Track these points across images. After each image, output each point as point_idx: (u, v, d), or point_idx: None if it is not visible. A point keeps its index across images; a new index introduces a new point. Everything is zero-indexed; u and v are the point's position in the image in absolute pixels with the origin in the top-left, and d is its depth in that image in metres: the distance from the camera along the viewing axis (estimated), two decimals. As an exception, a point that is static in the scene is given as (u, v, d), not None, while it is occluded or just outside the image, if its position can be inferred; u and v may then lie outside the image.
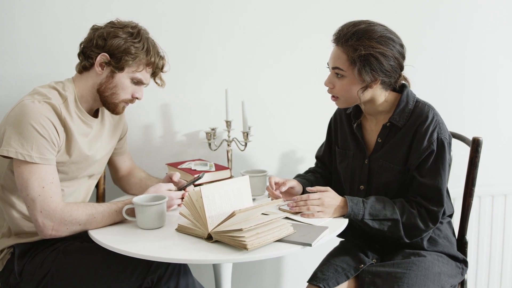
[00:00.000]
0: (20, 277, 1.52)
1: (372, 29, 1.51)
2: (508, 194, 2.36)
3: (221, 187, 1.43)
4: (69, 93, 1.55)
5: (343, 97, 1.58)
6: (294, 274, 2.38)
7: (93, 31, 1.58)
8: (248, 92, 2.14)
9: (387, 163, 1.60)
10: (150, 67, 1.61)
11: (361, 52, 1.48)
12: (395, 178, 1.59)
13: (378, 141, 1.63)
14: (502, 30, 2.35)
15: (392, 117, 1.59)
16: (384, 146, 1.62)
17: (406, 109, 1.58)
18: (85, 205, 1.49)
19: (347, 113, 1.74)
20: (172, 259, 1.29)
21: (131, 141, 1.98)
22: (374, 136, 1.66)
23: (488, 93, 2.39)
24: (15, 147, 1.41)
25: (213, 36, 2.10)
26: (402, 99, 1.59)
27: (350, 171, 1.70)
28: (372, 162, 1.64)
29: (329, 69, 1.59)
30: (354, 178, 1.69)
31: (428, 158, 1.53)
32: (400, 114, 1.58)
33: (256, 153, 2.20)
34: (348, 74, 1.53)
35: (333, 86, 1.58)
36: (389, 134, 1.61)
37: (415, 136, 1.55)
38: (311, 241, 1.32)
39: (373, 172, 1.64)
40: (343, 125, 1.76)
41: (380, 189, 1.62)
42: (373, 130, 1.67)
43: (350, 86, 1.54)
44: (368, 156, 1.66)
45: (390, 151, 1.60)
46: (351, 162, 1.70)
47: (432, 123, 1.54)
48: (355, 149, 1.70)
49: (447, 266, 1.57)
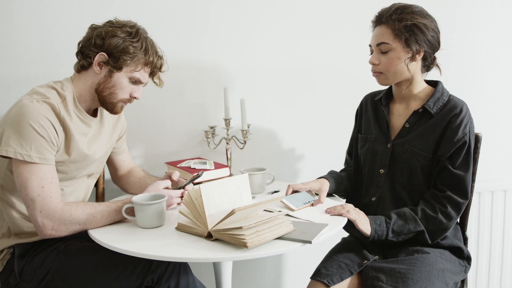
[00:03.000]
0: (20, 277, 1.52)
1: (412, 5, 1.61)
2: (508, 189, 2.36)
3: (221, 185, 1.43)
4: (68, 92, 1.55)
5: (388, 71, 1.62)
6: (295, 272, 2.38)
7: (92, 30, 1.58)
8: (247, 90, 2.14)
9: (413, 149, 1.62)
10: (148, 67, 1.61)
11: (407, 22, 1.56)
12: (420, 165, 1.61)
13: (406, 126, 1.67)
14: (502, 26, 2.35)
15: (427, 103, 1.63)
16: (412, 132, 1.65)
17: (441, 99, 1.63)
18: (85, 204, 1.49)
19: (375, 100, 1.80)
20: (172, 258, 1.29)
21: (130, 140, 1.98)
22: (401, 121, 1.70)
23: (487, 89, 2.39)
24: (14, 147, 1.40)
25: (212, 34, 2.10)
26: (438, 90, 1.65)
27: (370, 155, 1.74)
28: (396, 146, 1.66)
29: (372, 49, 1.65)
30: (374, 161, 1.72)
31: (461, 149, 1.57)
32: (435, 102, 1.62)
33: (255, 151, 2.20)
34: (394, 47, 1.59)
35: (378, 63, 1.63)
36: (418, 121, 1.65)
37: (448, 126, 1.58)
38: (311, 238, 1.32)
39: (396, 157, 1.66)
40: (367, 112, 1.82)
41: (403, 175, 1.65)
42: (401, 115, 1.71)
43: (396, 58, 1.60)
44: (392, 140, 1.68)
45: (418, 138, 1.63)
46: (372, 146, 1.74)
47: (466, 116, 1.59)
48: (378, 133, 1.74)
49: (450, 263, 1.57)
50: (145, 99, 1.92)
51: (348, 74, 2.24)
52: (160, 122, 2.11)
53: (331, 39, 2.20)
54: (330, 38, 2.20)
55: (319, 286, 1.52)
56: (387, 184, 1.68)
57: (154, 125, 2.11)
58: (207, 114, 2.13)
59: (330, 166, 1.96)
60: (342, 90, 2.24)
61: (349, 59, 2.21)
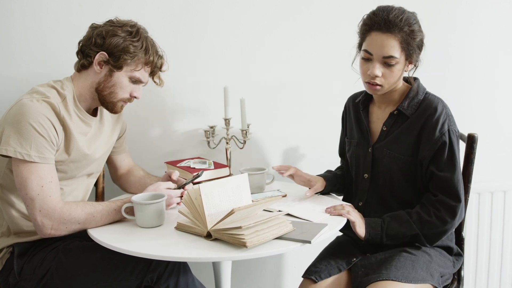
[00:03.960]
0: (20, 276, 1.52)
1: (413, 15, 1.56)
2: (508, 190, 2.36)
3: (220, 185, 1.43)
4: (68, 92, 1.55)
5: (389, 84, 1.57)
6: (294, 271, 2.38)
7: (92, 29, 1.58)
8: (247, 89, 2.14)
9: (391, 153, 1.60)
10: (148, 66, 1.61)
11: (416, 37, 1.52)
12: (400, 168, 1.59)
13: (383, 129, 1.64)
14: (502, 26, 2.34)
15: (401, 105, 1.59)
16: (389, 135, 1.62)
17: (415, 99, 1.59)
18: (84, 204, 1.49)
19: (355, 102, 1.76)
20: (172, 257, 1.29)
21: (130, 140, 1.98)
22: (380, 124, 1.66)
23: (487, 89, 2.39)
24: (14, 146, 1.40)
25: (212, 33, 2.10)
26: (413, 89, 1.60)
27: (354, 159, 1.72)
28: (376, 151, 1.64)
29: (371, 57, 1.54)
30: (359, 166, 1.70)
31: (442, 150, 1.53)
32: (409, 103, 1.58)
33: (255, 151, 2.20)
34: (400, 61, 1.53)
35: (381, 75, 1.54)
36: (395, 123, 1.61)
37: (424, 127, 1.54)
38: (311, 238, 1.32)
39: (378, 161, 1.64)
40: (350, 115, 1.78)
41: (385, 179, 1.62)
42: (380, 118, 1.67)
43: (399, 71, 1.55)
44: (372, 144, 1.66)
45: (395, 141, 1.60)
46: (355, 151, 1.72)
47: (442, 114, 1.54)
48: (360, 137, 1.71)
49: (439, 256, 1.58)
50: (145, 98, 1.92)
51: (348, 74, 2.24)
52: (160, 122, 2.11)
53: (331, 39, 2.20)
54: (330, 38, 2.19)
55: (308, 283, 1.54)
56: (372, 188, 1.67)
57: (154, 124, 2.11)
58: (207, 114, 2.13)
59: (330, 165, 1.96)
60: (342, 90, 2.23)
61: (349, 59, 2.21)
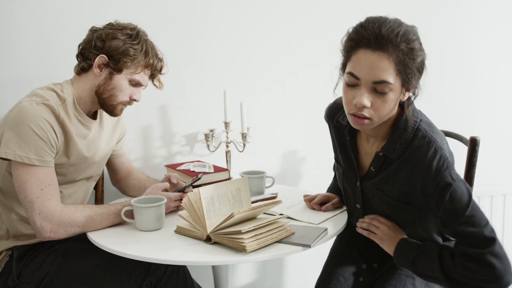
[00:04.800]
0: (19, 279, 1.51)
1: (413, 29, 1.24)
2: (507, 194, 2.36)
3: (220, 188, 1.43)
4: (68, 94, 1.55)
5: (380, 118, 1.26)
6: (294, 275, 2.38)
7: (92, 32, 1.58)
8: (247, 93, 2.14)
9: (383, 194, 1.38)
10: (148, 69, 1.61)
11: (416, 58, 1.21)
12: (395, 211, 1.38)
13: (371, 169, 1.39)
14: (502, 26, 2.34)
15: (385, 147, 1.33)
16: (378, 176, 1.38)
17: (402, 138, 1.30)
18: (84, 207, 1.49)
19: (338, 123, 1.47)
20: (171, 261, 1.29)
21: (129, 143, 1.98)
22: (367, 161, 1.41)
23: (486, 92, 2.39)
24: (13, 149, 1.40)
25: (211, 37, 2.10)
26: (399, 126, 1.31)
27: (343, 187, 1.54)
28: (365, 188, 1.43)
29: (357, 82, 1.23)
30: (348, 195, 1.52)
31: (450, 209, 1.23)
32: (394, 145, 1.31)
33: (254, 154, 2.20)
34: (395, 88, 1.22)
35: (370, 106, 1.24)
36: (383, 165, 1.36)
37: (415, 175, 1.28)
38: (310, 242, 1.32)
39: (369, 197, 1.43)
40: (332, 134, 1.56)
41: (381, 214, 1.43)
42: (368, 153, 1.42)
43: (393, 101, 1.24)
44: (359, 178, 1.43)
45: (386, 183, 1.36)
46: (342, 178, 1.51)
47: (436, 159, 1.24)
48: (346, 167, 1.48)
49: None
50: (145, 101, 1.92)
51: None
52: (160, 125, 2.11)
53: (331, 40, 2.20)
54: (330, 38, 2.19)
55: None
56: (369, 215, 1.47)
57: (153, 127, 2.11)
58: (207, 117, 2.13)
59: (330, 169, 1.96)
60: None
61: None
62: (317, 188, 1.82)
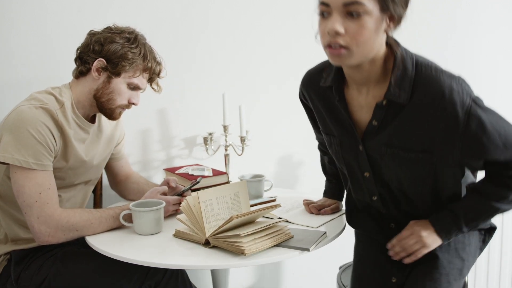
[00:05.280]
0: (17, 284, 1.51)
1: None
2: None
3: (219, 192, 1.43)
4: (66, 98, 1.55)
5: (359, 46, 1.12)
6: (292, 278, 2.37)
7: (90, 36, 1.58)
8: (246, 96, 2.14)
9: (394, 150, 1.22)
10: (146, 73, 1.61)
11: None
12: (409, 167, 1.22)
13: (373, 123, 1.23)
14: (502, 26, 2.34)
15: (389, 93, 1.17)
16: (385, 129, 1.22)
17: (406, 79, 1.17)
18: (82, 211, 1.49)
19: (320, 87, 1.32)
20: (170, 265, 1.29)
21: (128, 146, 1.98)
22: (365, 115, 1.25)
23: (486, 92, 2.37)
24: (12, 153, 1.40)
25: (210, 41, 2.10)
26: (397, 65, 1.17)
27: (343, 160, 1.36)
28: (370, 149, 1.26)
29: (329, 10, 1.12)
30: (352, 167, 1.35)
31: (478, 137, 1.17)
32: (399, 87, 1.16)
33: (253, 158, 2.19)
34: (369, 10, 1.09)
35: (344, 31, 1.10)
36: (387, 115, 1.21)
37: (435, 119, 1.15)
38: (309, 246, 1.32)
39: (376, 161, 1.26)
40: (315, 105, 1.38)
41: (392, 179, 1.28)
42: (363, 106, 1.25)
43: (374, 29, 1.11)
44: (361, 140, 1.27)
45: (396, 134, 1.21)
46: (340, 151, 1.34)
47: (454, 92, 1.13)
48: (341, 134, 1.31)
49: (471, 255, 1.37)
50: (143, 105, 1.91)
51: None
52: (159, 128, 2.11)
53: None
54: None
55: None
56: (380, 185, 1.32)
57: (152, 131, 2.11)
58: (206, 120, 2.13)
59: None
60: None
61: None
62: (316, 191, 1.82)
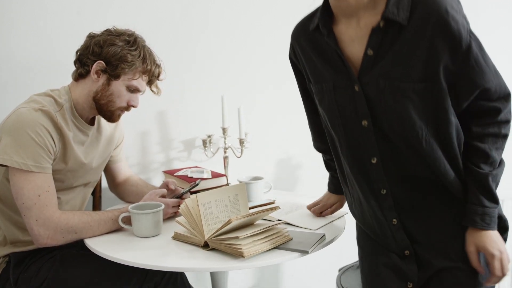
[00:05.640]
0: (16, 286, 1.51)
1: None
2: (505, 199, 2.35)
3: (218, 194, 1.43)
4: (65, 100, 1.55)
5: None
6: (291, 280, 2.37)
7: (90, 38, 1.58)
8: (244, 98, 2.14)
9: (394, 83, 1.10)
10: (146, 75, 1.61)
11: None
12: (413, 99, 1.10)
13: (368, 53, 1.12)
14: (503, 26, 2.33)
15: (388, 10, 1.07)
16: (382, 60, 1.12)
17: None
18: (81, 213, 1.49)
19: (310, 32, 1.25)
20: (169, 268, 1.29)
21: (127, 149, 1.98)
22: (358, 48, 1.15)
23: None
24: (11, 155, 1.40)
25: (209, 43, 2.11)
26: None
27: (337, 108, 1.20)
28: (368, 86, 1.14)
29: None
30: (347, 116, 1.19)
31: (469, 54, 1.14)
32: (398, 5, 1.07)
33: (252, 160, 2.20)
34: None
35: None
36: (384, 40, 1.11)
37: (437, 39, 1.07)
38: (308, 248, 1.32)
39: (375, 101, 1.14)
40: (306, 54, 1.28)
41: (392, 123, 1.14)
42: (354, 39, 1.15)
43: None
44: (356, 78, 1.15)
45: (395, 63, 1.10)
46: (334, 97, 1.20)
47: (455, 13, 1.10)
48: (334, 76, 1.19)
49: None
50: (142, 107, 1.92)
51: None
52: (158, 131, 2.11)
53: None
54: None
55: None
56: (381, 137, 1.17)
57: (151, 133, 2.11)
58: (205, 123, 2.13)
59: (328, 175, 1.96)
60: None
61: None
62: (315, 194, 1.82)
